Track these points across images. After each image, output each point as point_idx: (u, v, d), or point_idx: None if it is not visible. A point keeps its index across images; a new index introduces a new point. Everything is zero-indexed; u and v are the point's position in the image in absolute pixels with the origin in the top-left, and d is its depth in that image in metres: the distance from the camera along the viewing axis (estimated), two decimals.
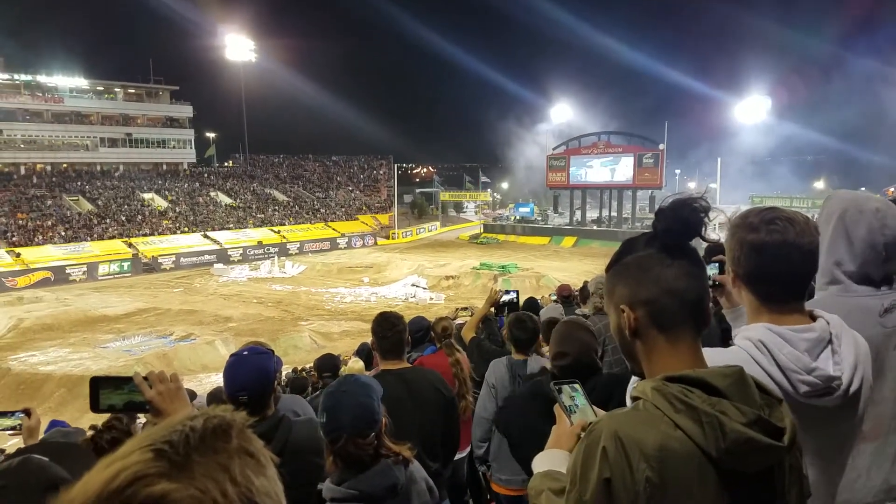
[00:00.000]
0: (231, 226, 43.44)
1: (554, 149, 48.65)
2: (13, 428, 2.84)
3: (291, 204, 50.94)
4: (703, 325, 1.06)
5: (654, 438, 0.92)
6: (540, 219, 51.92)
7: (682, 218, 1.02)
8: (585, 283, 6.65)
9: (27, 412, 2.77)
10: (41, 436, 3.03)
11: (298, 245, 41.72)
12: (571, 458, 1.01)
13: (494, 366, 3.35)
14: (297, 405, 2.57)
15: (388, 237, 48.21)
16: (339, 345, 17.02)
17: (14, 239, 34.41)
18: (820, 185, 56.70)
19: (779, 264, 1.29)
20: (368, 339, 8.26)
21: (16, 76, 45.77)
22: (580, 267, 31.15)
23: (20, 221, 36.49)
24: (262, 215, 46.77)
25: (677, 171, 79.77)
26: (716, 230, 1.19)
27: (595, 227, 46.47)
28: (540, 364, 3.29)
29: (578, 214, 48.65)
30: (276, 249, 39.31)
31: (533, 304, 6.90)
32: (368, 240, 46.39)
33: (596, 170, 46.11)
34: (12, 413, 2.89)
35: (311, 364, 9.04)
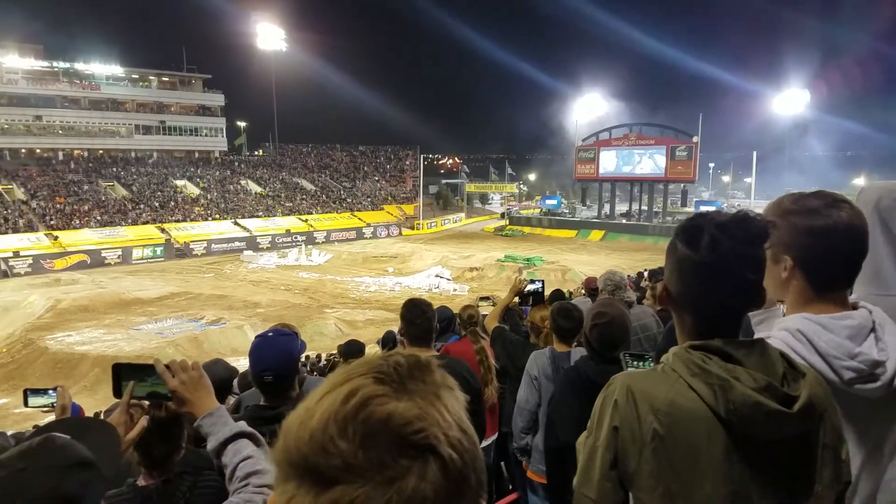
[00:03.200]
0: (260, 214, 44.05)
1: (583, 140, 48.06)
2: (46, 406, 2.95)
3: (319, 193, 51.42)
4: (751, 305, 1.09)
5: (665, 394, 0.98)
6: (567, 211, 51.46)
7: (748, 228, 1.06)
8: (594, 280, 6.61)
9: (60, 390, 2.86)
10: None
11: (325, 234, 42.15)
12: (593, 409, 1.09)
13: (537, 357, 3.31)
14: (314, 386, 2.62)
15: (412, 228, 48.35)
16: (364, 333, 17.17)
17: (52, 222, 35.43)
18: (860, 180, 55.03)
19: (844, 247, 1.26)
20: (391, 328, 8.33)
21: (55, 64, 46.93)
22: (608, 261, 30.76)
23: (58, 206, 37.53)
24: (291, 204, 47.32)
25: (711, 165, 78.33)
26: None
27: (624, 221, 45.78)
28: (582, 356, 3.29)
29: (607, 208, 47.89)
30: (304, 238, 39.77)
31: (559, 297, 6.85)
32: (393, 230, 46.59)
33: (626, 162, 45.29)
34: (46, 391, 3.01)
35: (336, 350, 9.16)
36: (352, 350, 5.76)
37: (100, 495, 1.17)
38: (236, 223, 41.31)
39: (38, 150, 45.50)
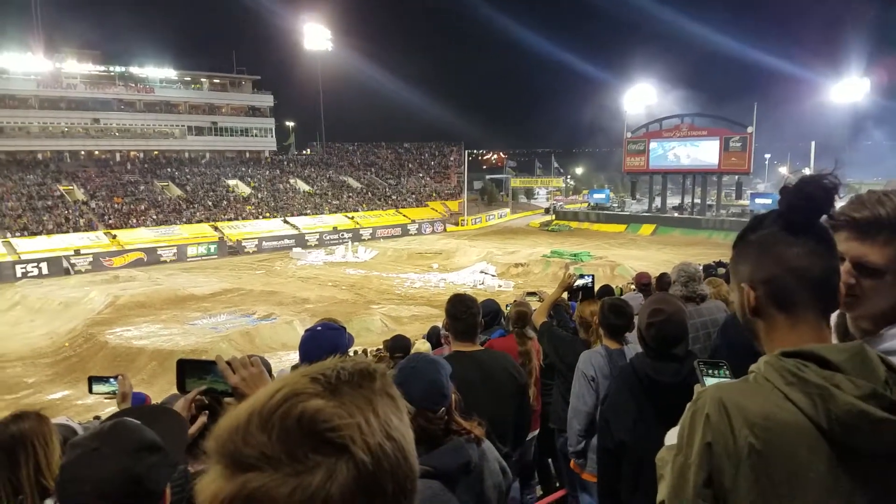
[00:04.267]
0: (308, 212, 44.87)
1: (633, 132, 46.95)
2: (109, 393, 3.08)
3: (364, 191, 52.01)
4: (829, 305, 1.03)
5: (760, 407, 0.92)
6: (616, 205, 50.39)
7: (808, 194, 1.00)
8: (663, 273, 6.35)
9: (120, 378, 2.97)
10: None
11: (371, 231, 42.61)
12: (680, 424, 1.02)
13: (591, 357, 3.22)
14: None
15: (457, 224, 48.35)
16: (409, 329, 17.23)
17: (111, 222, 36.99)
18: None
19: None
20: (436, 324, 8.26)
21: (111, 68, 48.94)
22: (659, 256, 29.98)
23: (116, 205, 39.17)
24: (337, 202, 48.03)
25: (767, 156, 75.59)
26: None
27: (676, 215, 44.55)
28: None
29: (658, 201, 46.68)
30: (350, 235, 40.35)
31: (608, 292, 6.66)
32: (438, 226, 46.71)
33: (678, 154, 44.03)
34: (107, 379, 3.11)
35: (382, 345, 9.18)
36: (398, 345, 5.72)
37: (167, 477, 1.26)
38: (286, 221, 42.22)
39: (96, 152, 47.44)
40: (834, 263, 1.03)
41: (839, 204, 1.05)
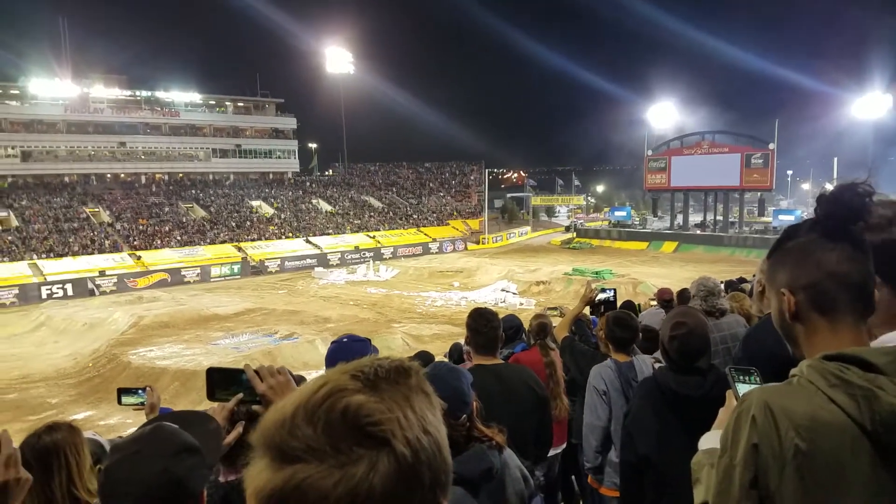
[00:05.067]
0: (330, 231, 45.31)
1: (653, 150, 46.78)
2: (137, 405, 3.20)
3: (386, 210, 52.41)
4: (867, 310, 1.07)
5: (805, 409, 0.95)
6: (637, 223, 50.08)
7: (845, 202, 1.04)
8: (684, 289, 6.29)
9: (149, 390, 3.07)
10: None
11: (392, 250, 42.81)
12: (724, 426, 1.04)
13: (601, 371, 3.19)
14: None
15: (477, 242, 48.39)
16: (430, 347, 17.12)
17: (136, 243, 37.73)
18: None
19: None
20: (458, 341, 8.21)
21: (137, 92, 50.28)
22: (681, 273, 29.58)
23: (141, 227, 39.97)
24: (359, 221, 48.44)
25: (789, 172, 74.64)
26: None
27: (698, 232, 44.14)
28: (648, 364, 3.12)
29: (680, 218, 46.38)
30: (372, 254, 40.59)
31: (630, 307, 6.62)
32: (459, 245, 46.77)
33: (699, 171, 43.65)
34: (136, 391, 3.23)
35: None
36: (423, 361, 5.71)
37: (204, 480, 1.31)
38: (308, 241, 42.65)
39: (122, 175, 48.60)
40: (870, 268, 1.06)
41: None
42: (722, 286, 5.34)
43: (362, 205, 52.65)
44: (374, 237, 45.28)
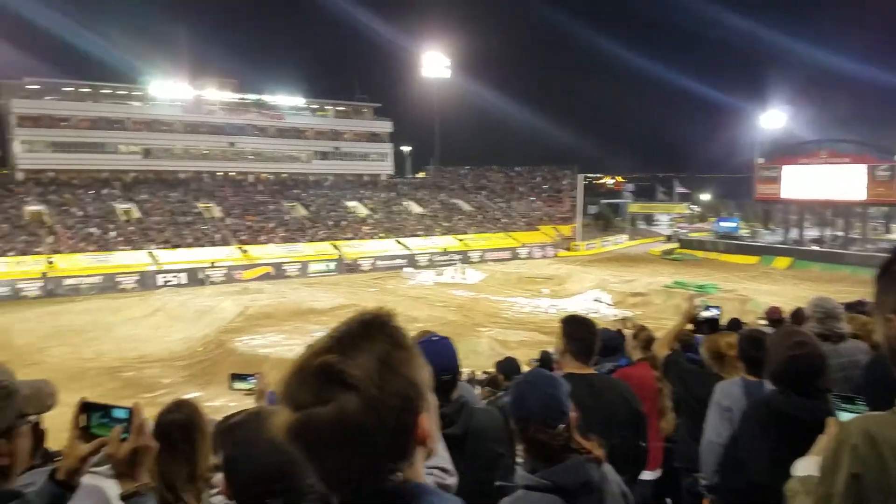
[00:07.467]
0: (420, 233, 46.10)
1: (765, 158, 43.78)
2: (247, 390, 3.37)
3: (475, 213, 52.60)
4: None
5: None
6: (747, 235, 46.91)
7: None
8: (799, 308, 5.82)
9: (258, 376, 3.22)
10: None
11: (480, 253, 42.90)
12: (823, 454, 1.03)
13: (727, 388, 3.06)
14: (464, 390, 2.61)
15: (569, 249, 47.40)
16: (516, 353, 16.88)
17: (243, 237, 40.19)
18: None
19: None
20: (547, 349, 8.06)
21: (246, 96, 53.60)
22: (795, 292, 27.44)
23: (248, 223, 42.53)
24: (448, 224, 48.94)
25: None
26: None
27: (816, 248, 40.49)
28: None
29: (795, 232, 42.86)
30: (459, 257, 40.88)
31: (736, 326, 6.22)
32: (549, 251, 46.06)
33: (816, 182, 40.13)
34: (246, 377, 3.40)
35: (492, 367, 9.15)
36: (509, 368, 5.70)
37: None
38: (399, 242, 43.64)
39: (231, 174, 51.82)
40: None
41: None
42: (842, 308, 4.90)
43: (451, 207, 53.15)
44: (462, 240, 45.57)
